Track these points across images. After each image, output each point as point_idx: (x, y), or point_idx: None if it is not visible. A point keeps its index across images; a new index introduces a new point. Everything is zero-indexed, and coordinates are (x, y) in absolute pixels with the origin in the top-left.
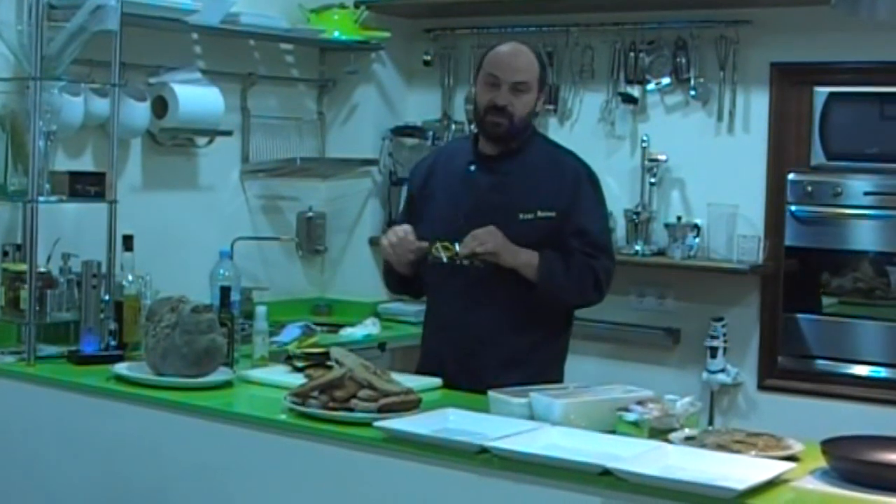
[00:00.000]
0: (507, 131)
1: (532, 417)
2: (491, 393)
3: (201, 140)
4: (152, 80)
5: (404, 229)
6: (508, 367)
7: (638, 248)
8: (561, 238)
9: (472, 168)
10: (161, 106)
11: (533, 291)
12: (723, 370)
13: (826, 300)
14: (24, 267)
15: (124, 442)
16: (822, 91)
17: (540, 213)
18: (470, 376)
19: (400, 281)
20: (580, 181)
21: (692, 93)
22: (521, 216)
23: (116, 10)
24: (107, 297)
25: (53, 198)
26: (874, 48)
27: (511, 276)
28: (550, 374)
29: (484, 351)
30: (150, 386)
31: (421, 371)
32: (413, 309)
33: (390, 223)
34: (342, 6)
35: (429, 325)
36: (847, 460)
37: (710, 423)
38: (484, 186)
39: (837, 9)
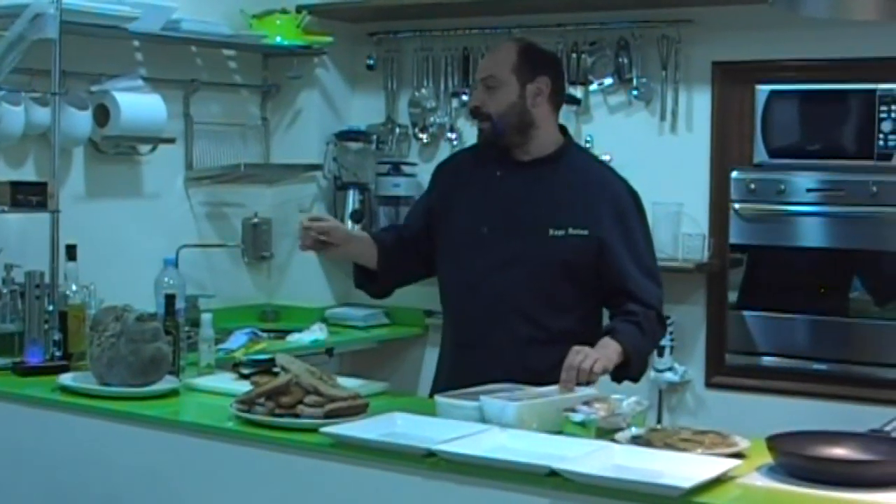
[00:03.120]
0: (490, 132)
1: (481, 420)
2: (437, 397)
3: (144, 148)
4: (94, 89)
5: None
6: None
7: None
8: (594, 260)
9: (499, 174)
10: (103, 114)
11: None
12: (670, 369)
13: (772, 297)
14: None
15: (71, 453)
16: (764, 89)
17: (572, 231)
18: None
19: (361, 272)
20: (619, 199)
21: (635, 93)
22: (551, 231)
23: (55, 19)
24: (51, 308)
25: None
26: (815, 45)
27: (532, 288)
28: None
29: (497, 373)
30: (96, 396)
31: (435, 388)
32: (361, 314)
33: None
34: (284, 11)
35: (446, 344)
36: (793, 456)
37: (659, 421)
38: (510, 196)
39: (776, 6)
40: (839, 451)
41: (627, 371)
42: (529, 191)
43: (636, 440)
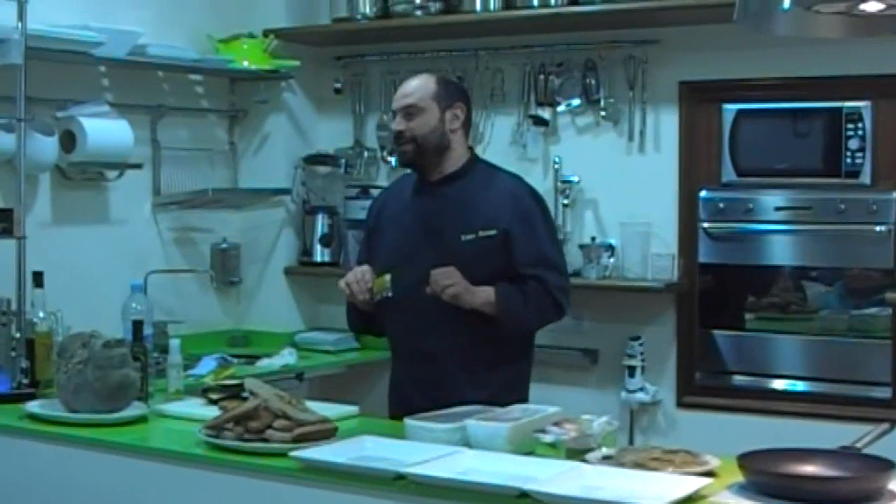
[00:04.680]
0: (414, 154)
1: (451, 443)
2: (407, 420)
3: (111, 173)
4: (60, 115)
5: (362, 270)
6: (472, 387)
7: None
8: (506, 256)
9: (415, 196)
10: (69, 140)
11: (494, 323)
12: (641, 389)
13: (742, 315)
14: None
15: (40, 481)
16: (731, 108)
17: (482, 233)
18: (436, 402)
19: (361, 319)
20: (521, 199)
21: (602, 113)
22: (462, 237)
23: (20, 44)
24: (18, 335)
25: None
26: (780, 64)
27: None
28: (514, 393)
29: (446, 376)
30: (64, 423)
31: (392, 403)
32: (331, 338)
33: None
34: (251, 35)
35: (393, 358)
36: (763, 474)
37: (630, 441)
38: (426, 212)
39: (740, 25)
40: (810, 469)
41: (498, 325)
42: (441, 204)
43: (607, 460)
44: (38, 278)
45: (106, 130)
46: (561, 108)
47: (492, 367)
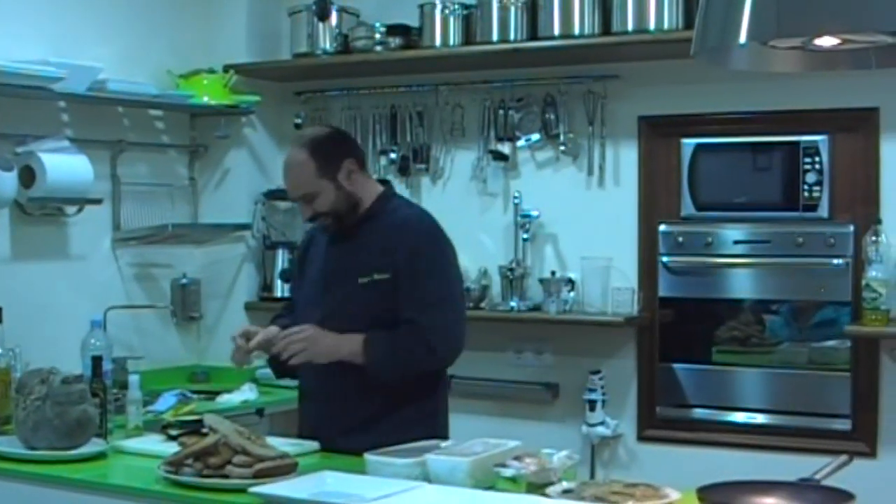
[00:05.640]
0: (336, 223)
1: (412, 477)
2: (367, 455)
3: (71, 209)
4: (19, 150)
5: (249, 331)
6: (355, 432)
7: (513, 304)
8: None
9: (331, 237)
10: (28, 175)
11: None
12: (602, 423)
13: (702, 349)
14: None
15: None
16: (690, 142)
17: (376, 276)
18: (324, 441)
19: (279, 369)
20: (413, 238)
21: (562, 148)
22: (360, 280)
23: None
24: None
25: None
26: (738, 99)
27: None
28: (411, 434)
29: (335, 417)
30: (22, 460)
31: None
32: None
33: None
34: (211, 71)
35: (299, 393)
36: None
37: (592, 475)
38: (336, 255)
39: (697, 59)
40: (769, 501)
41: (370, 372)
42: (348, 247)
43: (567, 494)
44: None
45: (65, 166)
46: (521, 142)
47: (391, 409)
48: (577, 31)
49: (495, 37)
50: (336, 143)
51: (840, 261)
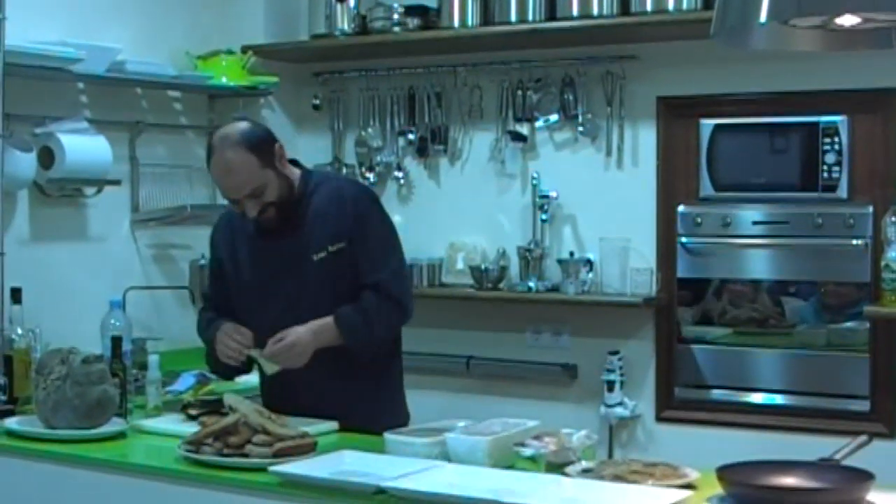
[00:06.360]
0: (277, 216)
1: (431, 457)
2: (387, 434)
3: (90, 190)
4: (38, 131)
5: (244, 336)
6: (341, 412)
7: (532, 284)
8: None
9: (259, 227)
10: (48, 156)
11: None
12: (620, 403)
13: (720, 330)
14: None
15: (18, 498)
16: (709, 123)
17: (331, 248)
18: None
19: (227, 369)
20: (357, 203)
21: (580, 129)
22: (314, 257)
23: None
24: None
25: None
26: (757, 80)
27: (319, 314)
28: (385, 412)
29: (306, 401)
30: (42, 440)
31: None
32: None
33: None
34: (229, 52)
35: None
36: (742, 486)
37: (610, 456)
38: (273, 243)
39: (717, 40)
40: (789, 481)
41: (353, 349)
42: (283, 234)
43: (586, 473)
44: (16, 295)
45: (84, 147)
46: (539, 123)
47: (356, 396)
48: (595, 11)
49: (513, 17)
50: (262, 131)
51: (859, 241)
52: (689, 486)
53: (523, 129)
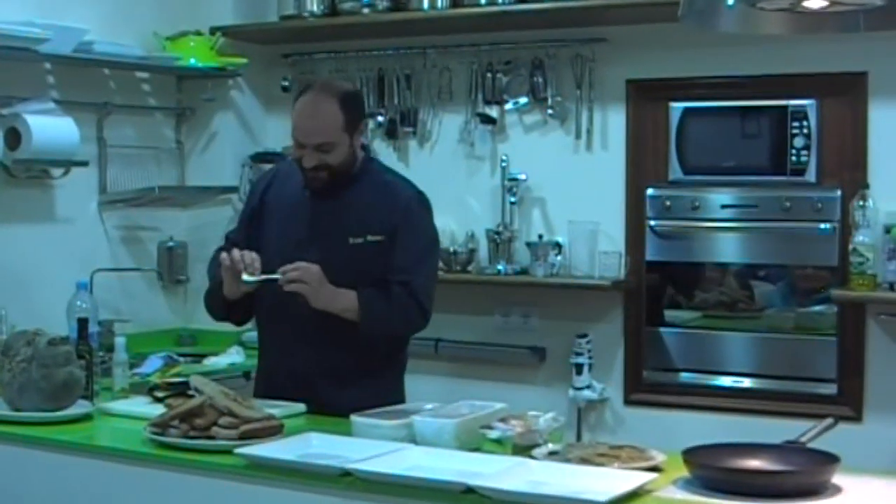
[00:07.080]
0: (327, 183)
1: (398, 439)
2: (353, 417)
3: (57, 171)
4: (4, 112)
5: (252, 257)
6: (342, 390)
7: (500, 267)
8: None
9: (307, 193)
10: (14, 137)
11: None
12: (589, 386)
13: (690, 313)
14: None
15: None
16: (678, 107)
17: (370, 238)
18: (307, 402)
19: (224, 306)
20: (410, 205)
21: (550, 112)
22: (350, 240)
23: None
24: None
25: None
26: (726, 63)
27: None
28: (388, 395)
29: (315, 380)
30: (8, 422)
31: (258, 391)
32: None
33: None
34: (198, 33)
35: (264, 347)
36: (707, 468)
37: (578, 439)
38: (318, 211)
39: (685, 22)
40: (754, 463)
41: (362, 331)
42: (333, 206)
43: (553, 456)
44: None
45: (51, 128)
46: (508, 106)
47: (359, 376)
48: None
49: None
50: (361, 102)
51: (827, 225)
52: (655, 469)
53: (493, 111)
